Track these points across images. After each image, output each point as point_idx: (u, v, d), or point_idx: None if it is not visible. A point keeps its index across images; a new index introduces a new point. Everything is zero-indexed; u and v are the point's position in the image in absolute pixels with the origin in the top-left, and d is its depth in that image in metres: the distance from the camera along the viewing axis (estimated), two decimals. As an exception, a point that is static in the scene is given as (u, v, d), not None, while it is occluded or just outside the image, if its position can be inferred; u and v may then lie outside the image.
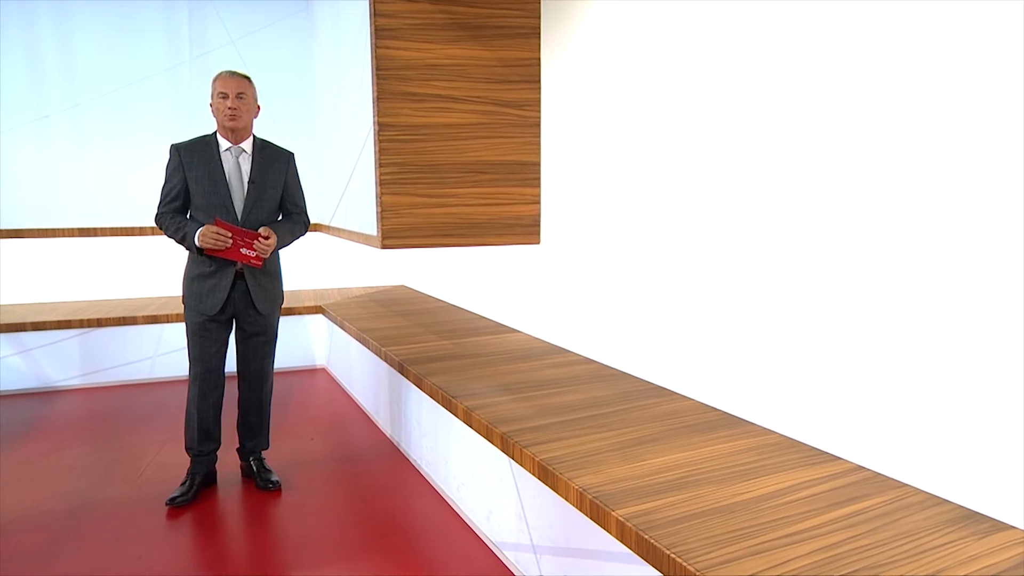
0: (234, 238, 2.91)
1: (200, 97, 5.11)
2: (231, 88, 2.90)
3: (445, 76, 3.40)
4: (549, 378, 2.93)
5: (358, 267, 5.97)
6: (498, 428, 2.33)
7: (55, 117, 4.87)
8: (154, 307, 5.05)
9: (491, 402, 2.62)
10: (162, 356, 4.96)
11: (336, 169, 4.36)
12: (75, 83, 4.89)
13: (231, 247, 2.92)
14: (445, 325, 4.10)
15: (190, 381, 3.08)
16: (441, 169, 3.46)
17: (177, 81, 5.08)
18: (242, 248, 2.92)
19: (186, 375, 4.98)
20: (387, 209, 3.39)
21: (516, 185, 3.61)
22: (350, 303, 5.06)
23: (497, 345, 3.58)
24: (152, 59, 5.01)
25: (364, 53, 3.48)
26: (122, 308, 5.00)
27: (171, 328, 4.91)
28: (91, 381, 4.83)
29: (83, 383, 4.82)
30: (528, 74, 3.55)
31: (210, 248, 2.89)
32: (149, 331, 4.89)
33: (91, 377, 4.83)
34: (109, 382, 4.87)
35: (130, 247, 5.24)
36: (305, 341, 5.21)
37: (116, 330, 4.82)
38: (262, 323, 3.11)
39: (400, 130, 3.36)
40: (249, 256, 2.95)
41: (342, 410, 4.34)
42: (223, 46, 5.09)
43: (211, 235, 2.85)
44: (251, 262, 2.97)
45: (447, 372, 3.07)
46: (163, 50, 5.03)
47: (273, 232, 2.97)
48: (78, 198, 4.98)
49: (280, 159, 3.07)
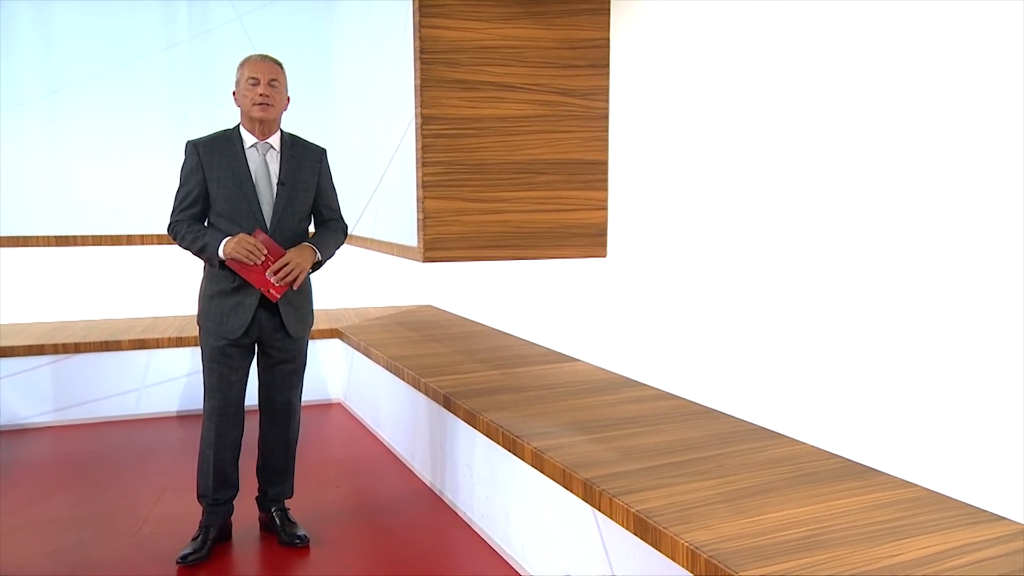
0: (267, 259, 2.99)
1: (200, 82, 5.27)
2: (263, 73, 3.01)
3: (499, 60, 3.52)
4: (626, 415, 3.02)
5: (375, 283, 6.10)
6: (579, 474, 2.42)
7: (29, 106, 5.05)
8: (141, 329, 5.20)
9: (564, 443, 2.71)
10: (150, 388, 5.09)
11: (362, 169, 4.48)
12: (53, 66, 5.07)
13: (258, 268, 2.99)
14: (491, 352, 4.20)
15: (205, 417, 3.18)
16: (493, 169, 3.57)
17: (174, 64, 5.25)
18: (269, 272, 3.00)
19: (179, 410, 5.13)
20: (430, 216, 3.50)
21: (580, 188, 3.71)
22: (372, 326, 5.18)
23: (557, 376, 3.67)
24: (144, 38, 5.18)
25: (404, 33, 3.60)
26: (104, 330, 5.16)
27: (161, 355, 5.05)
28: (66, 417, 4.97)
29: (57, 420, 4.96)
30: (595, 57, 3.66)
31: (237, 262, 2.97)
32: (135, 358, 5.03)
33: (66, 413, 4.97)
34: (88, 419, 5.01)
35: (114, 258, 5.40)
36: (316, 371, 5.33)
37: (97, 357, 4.96)
38: (291, 349, 3.21)
39: (446, 123, 3.48)
40: (270, 284, 3.02)
41: (368, 452, 4.45)
42: (227, 22, 5.26)
43: (246, 246, 2.94)
44: (269, 293, 3.03)
45: (504, 407, 3.17)
46: (157, 27, 5.19)
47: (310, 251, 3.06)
48: (54, 200, 5.14)
49: (312, 156, 3.18)
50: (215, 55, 5.25)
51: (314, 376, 5.31)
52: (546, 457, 2.59)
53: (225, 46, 5.22)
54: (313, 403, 5.34)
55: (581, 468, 2.46)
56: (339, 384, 5.49)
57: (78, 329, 5.21)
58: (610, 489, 2.28)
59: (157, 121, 5.23)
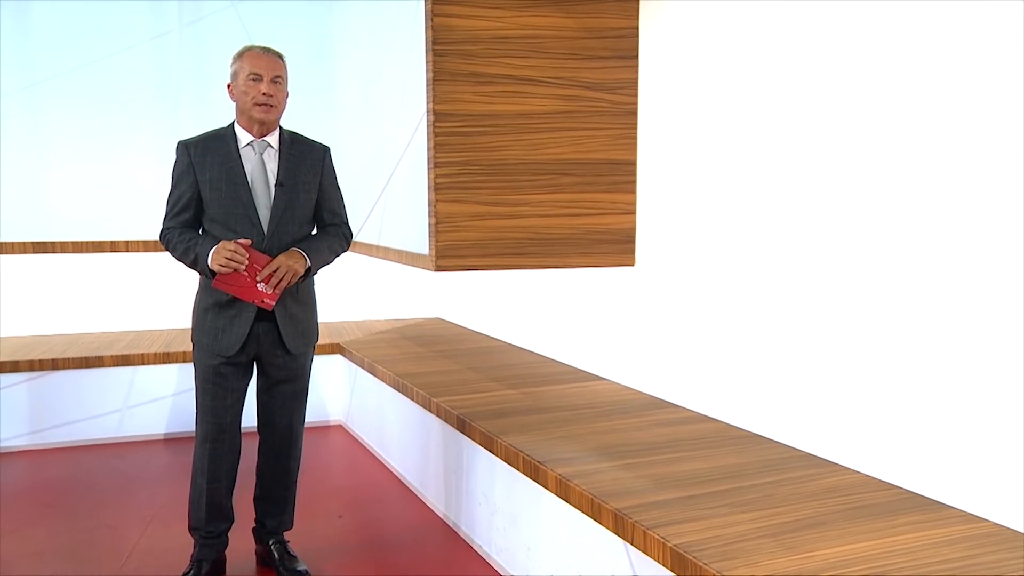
0: (251, 265, 2.98)
1: (192, 74, 5.30)
2: (267, 69, 3.02)
3: (519, 52, 3.54)
4: (659, 440, 3.02)
5: (379, 294, 6.12)
6: (609, 503, 2.42)
7: (5, 100, 5.09)
8: (124, 343, 5.23)
9: (591, 469, 2.72)
10: (134, 408, 5.12)
11: (368, 169, 4.50)
12: (29, 56, 5.11)
13: (246, 279, 2.97)
14: (508, 370, 4.22)
15: (197, 443, 3.20)
16: (511, 170, 3.59)
17: (163, 54, 5.28)
18: (260, 283, 3.00)
19: (166, 432, 5.16)
20: (443, 220, 3.52)
21: (606, 190, 3.72)
22: (377, 341, 5.19)
23: (581, 396, 3.68)
24: (130, 26, 5.21)
25: (415, 22, 3.62)
26: (84, 345, 5.19)
27: (146, 372, 5.07)
28: (42, 441, 5.00)
29: (32, 443, 4.98)
30: (623, 48, 3.68)
31: (221, 277, 2.95)
32: (118, 376, 5.06)
33: (43, 436, 5.00)
34: (66, 442, 5.03)
35: (96, 267, 5.43)
36: (315, 389, 5.32)
37: (76, 374, 4.99)
38: (292, 367, 3.22)
39: (461, 120, 3.49)
40: (263, 295, 3.01)
41: (373, 479, 4.45)
42: (221, 10, 5.30)
43: (224, 253, 2.93)
44: (263, 303, 3.02)
45: (524, 430, 3.19)
46: (144, 14, 5.23)
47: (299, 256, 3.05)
48: (31, 203, 5.17)
49: (314, 155, 3.19)
50: (208, 45, 5.29)
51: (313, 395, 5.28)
52: (572, 485, 2.60)
53: (219, 35, 5.26)
54: (312, 425, 5.33)
55: (611, 497, 2.46)
56: (340, 404, 5.50)
57: (56, 344, 5.24)
58: (644, 521, 2.28)
59: (144, 117, 5.27)
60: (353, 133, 4.88)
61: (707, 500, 2.43)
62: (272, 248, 3.05)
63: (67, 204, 5.21)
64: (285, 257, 3.02)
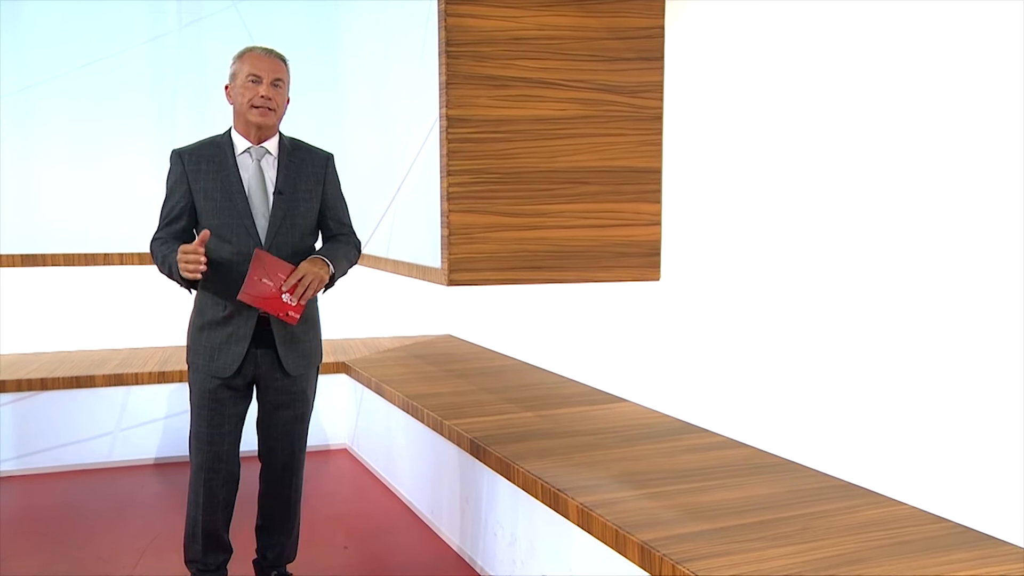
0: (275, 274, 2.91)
1: (191, 78, 5.33)
2: (267, 71, 3.03)
3: (536, 53, 3.55)
4: (687, 467, 3.02)
5: (387, 309, 6.12)
6: (635, 535, 2.41)
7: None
8: (117, 362, 5.25)
9: (614, 498, 2.71)
10: (127, 431, 5.13)
11: (377, 178, 4.51)
12: (20, 59, 5.14)
13: (271, 290, 2.93)
14: (525, 391, 4.22)
15: (192, 471, 3.20)
16: (529, 178, 3.59)
17: (160, 57, 5.31)
18: (284, 294, 2.96)
19: (161, 456, 5.17)
20: (456, 232, 3.52)
21: (630, 200, 3.72)
22: (385, 359, 5.20)
23: (603, 419, 3.68)
24: (126, 27, 5.24)
25: (427, 22, 3.64)
26: (74, 364, 5.21)
27: (140, 392, 5.09)
28: (30, 466, 5.01)
29: (19, 468, 5.00)
30: (648, 49, 3.68)
31: (246, 289, 2.90)
32: (110, 396, 5.08)
33: (30, 460, 5.01)
34: (55, 467, 5.04)
35: (88, 281, 5.46)
36: (318, 411, 5.34)
37: (65, 395, 5.00)
38: (292, 390, 3.22)
39: (475, 126, 3.50)
40: (288, 307, 2.97)
41: (380, 507, 4.45)
42: (222, 10, 5.33)
43: (184, 256, 2.86)
44: (287, 316, 2.99)
45: (543, 456, 3.18)
46: (141, 15, 5.26)
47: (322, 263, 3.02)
48: (20, 213, 5.21)
49: (315, 163, 3.20)
50: (208, 47, 5.32)
51: (317, 418, 5.31)
52: (595, 515, 2.59)
53: (219, 37, 5.29)
54: (315, 449, 5.35)
55: (637, 529, 2.45)
56: (345, 427, 5.51)
57: (44, 362, 5.27)
58: (672, 554, 2.27)
59: (140, 123, 5.30)
60: (360, 140, 4.89)
61: (739, 533, 2.41)
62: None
63: (58, 214, 5.23)
64: (309, 264, 3.00)
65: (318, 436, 5.36)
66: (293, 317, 2.99)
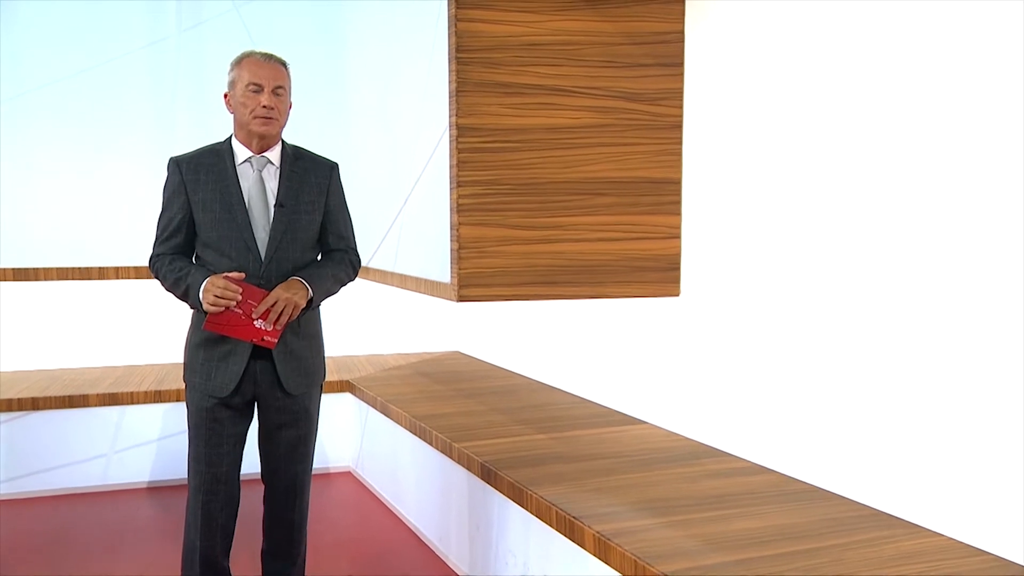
0: (244, 301, 2.95)
1: (190, 84, 5.35)
2: (268, 79, 3.03)
3: (550, 59, 3.55)
4: (710, 493, 3.00)
5: (393, 325, 6.12)
6: (655, 567, 2.40)
7: (-14, 113, 5.16)
8: (112, 380, 5.26)
9: (634, 527, 2.69)
10: (122, 453, 5.13)
11: (383, 188, 4.51)
12: (17, 65, 5.16)
13: (240, 317, 2.95)
14: (539, 411, 4.21)
15: (190, 494, 3.19)
16: (543, 190, 3.59)
17: (158, 62, 5.33)
18: (257, 320, 2.97)
19: (157, 480, 5.17)
20: (467, 245, 3.52)
21: (648, 212, 3.72)
22: (390, 377, 5.19)
23: (621, 442, 3.67)
24: (123, 31, 5.26)
25: (436, 27, 3.65)
26: (67, 382, 5.22)
27: (136, 412, 5.09)
28: (20, 489, 5.01)
29: (9, 492, 4.99)
30: (667, 55, 3.68)
31: (212, 318, 2.94)
32: (104, 416, 5.08)
33: (21, 483, 5.01)
34: (46, 490, 5.04)
35: (82, 295, 5.48)
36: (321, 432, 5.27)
37: (58, 415, 5.01)
38: (294, 409, 3.22)
39: (487, 135, 3.50)
40: (262, 332, 2.99)
41: (386, 533, 4.44)
42: (223, 13, 5.35)
43: (214, 291, 2.91)
44: (264, 341, 3.01)
45: (558, 481, 3.17)
46: (139, 19, 5.28)
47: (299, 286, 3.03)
48: (12, 225, 5.22)
49: (319, 172, 3.20)
50: (209, 52, 5.34)
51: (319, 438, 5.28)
52: (613, 544, 2.57)
53: (220, 41, 5.31)
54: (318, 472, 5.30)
55: (657, 560, 2.44)
56: (349, 449, 5.50)
57: (35, 381, 5.28)
58: (696, 587, 2.26)
59: (138, 131, 5.32)
60: (366, 148, 4.90)
61: (766, 565, 2.39)
62: (271, 277, 3.04)
63: (52, 226, 5.24)
64: (283, 289, 3.00)
65: (321, 458, 5.34)
66: (270, 342, 3.00)
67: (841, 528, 2.64)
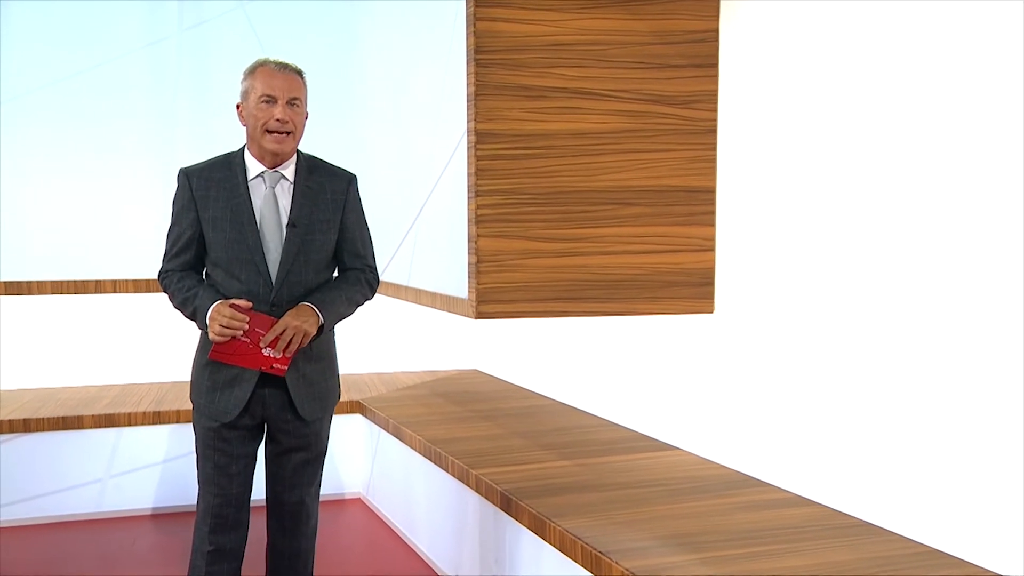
0: (252, 329, 2.96)
1: (192, 86, 5.35)
2: (281, 90, 3.01)
3: (576, 60, 3.54)
4: (748, 527, 2.96)
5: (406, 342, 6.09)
6: (690, 609, 2.36)
7: (-26, 118, 5.18)
8: (108, 400, 5.25)
9: (664, 563, 2.66)
10: (119, 477, 5.12)
11: (397, 198, 4.51)
12: (6, 67, 5.17)
13: (248, 346, 2.95)
14: (562, 435, 4.18)
15: (197, 519, 3.20)
16: (567, 199, 3.57)
17: (158, 63, 5.33)
18: (265, 348, 2.97)
19: (157, 506, 5.16)
20: (486, 259, 3.51)
21: (680, 223, 3.70)
22: (404, 398, 5.18)
23: (651, 470, 3.63)
24: (121, 30, 5.26)
25: (454, 27, 3.64)
26: (60, 403, 5.22)
27: (133, 434, 5.07)
28: (10, 517, 4.98)
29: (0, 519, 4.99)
30: (700, 55, 3.67)
31: (217, 347, 2.95)
32: (100, 439, 5.06)
33: (10, 511, 4.99)
34: (38, 518, 5.02)
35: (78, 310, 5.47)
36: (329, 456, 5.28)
37: (50, 437, 4.99)
38: (305, 432, 3.21)
39: (507, 141, 3.50)
40: (271, 360, 3.00)
41: (397, 565, 4.42)
42: (228, 11, 5.36)
43: (221, 321, 2.92)
44: (273, 369, 3.01)
45: (582, 512, 3.14)
46: (137, 17, 5.28)
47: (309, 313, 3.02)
48: (5, 236, 5.22)
49: (336, 186, 3.18)
50: (212, 53, 5.35)
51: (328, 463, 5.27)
52: (644, 584, 2.54)
53: (225, 41, 5.32)
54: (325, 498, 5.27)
55: (693, 601, 2.41)
56: (359, 474, 5.48)
57: (28, 401, 5.27)
58: (735, 632, 2.22)
59: (136, 137, 5.32)
60: (378, 155, 4.90)
61: (811, 606, 2.36)
62: (281, 301, 3.04)
63: (45, 237, 5.25)
64: (292, 316, 2.99)
65: (329, 484, 5.27)
66: (280, 369, 3.01)
67: (892, 566, 2.59)
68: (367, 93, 5.16)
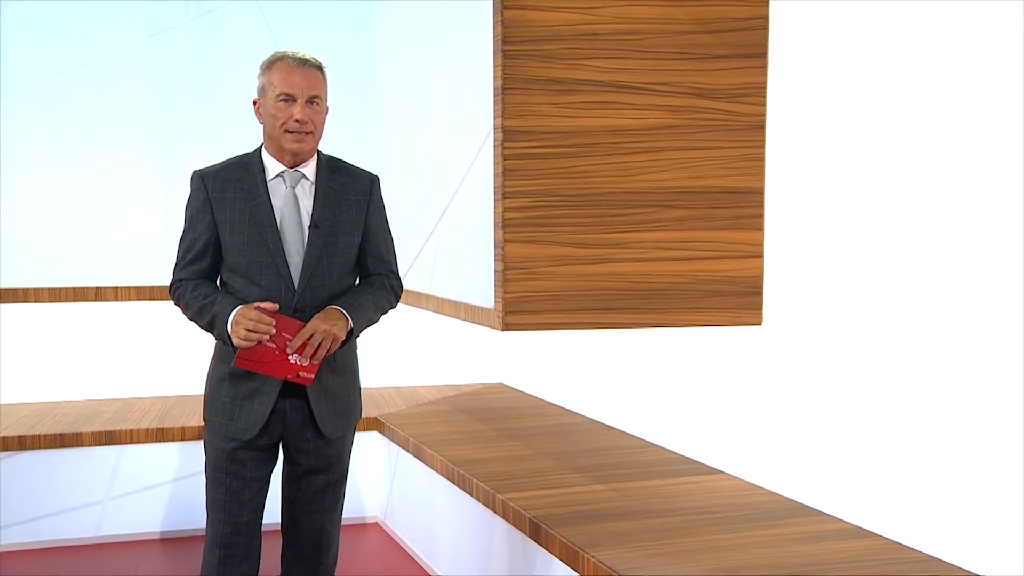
0: (279, 334, 2.95)
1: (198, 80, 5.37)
2: (300, 87, 3.01)
3: (611, 51, 3.53)
4: (800, 560, 2.92)
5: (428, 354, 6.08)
6: (738, 652, 2.33)
7: (-32, 114, 5.22)
8: (108, 416, 5.27)
9: (710, 601, 2.63)
10: (120, 499, 5.13)
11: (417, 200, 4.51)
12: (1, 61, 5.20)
13: (274, 352, 2.95)
14: (595, 456, 4.16)
15: (207, 546, 3.19)
16: (602, 201, 3.56)
17: (162, 56, 5.36)
18: (292, 355, 2.97)
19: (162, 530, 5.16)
20: (513, 266, 3.51)
21: (725, 227, 3.68)
22: (425, 414, 5.17)
23: (693, 496, 3.61)
24: (122, 21, 5.30)
25: (480, 17, 3.64)
26: (58, 418, 5.24)
27: (135, 452, 5.09)
28: (5, 541, 5.00)
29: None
30: (748, 44, 3.64)
31: (243, 353, 2.94)
32: (100, 457, 5.07)
33: (5, 534, 5.01)
34: (33, 542, 5.03)
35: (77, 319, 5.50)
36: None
37: (47, 456, 5.01)
38: (327, 452, 3.21)
39: (537, 139, 3.49)
40: (297, 368, 2.99)
41: (417, 597, 4.40)
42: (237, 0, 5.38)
43: (246, 324, 2.91)
44: (299, 378, 3.01)
45: (618, 541, 3.11)
46: (140, 7, 5.31)
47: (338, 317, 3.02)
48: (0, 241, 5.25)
49: (358, 187, 3.20)
50: (219, 44, 5.37)
51: (344, 485, 5.30)
52: (687, 623, 2.51)
53: (233, 32, 5.34)
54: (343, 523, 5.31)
55: (740, 642, 2.37)
56: (377, 497, 5.48)
57: (24, 417, 5.29)
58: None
59: (137, 134, 5.34)
60: (398, 154, 4.91)
61: (871, 649, 2.32)
62: (304, 306, 3.04)
63: (43, 242, 5.28)
64: (320, 320, 2.99)
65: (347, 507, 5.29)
66: (307, 378, 3.00)
67: (959, 606, 2.56)
68: (384, 86, 5.17)
